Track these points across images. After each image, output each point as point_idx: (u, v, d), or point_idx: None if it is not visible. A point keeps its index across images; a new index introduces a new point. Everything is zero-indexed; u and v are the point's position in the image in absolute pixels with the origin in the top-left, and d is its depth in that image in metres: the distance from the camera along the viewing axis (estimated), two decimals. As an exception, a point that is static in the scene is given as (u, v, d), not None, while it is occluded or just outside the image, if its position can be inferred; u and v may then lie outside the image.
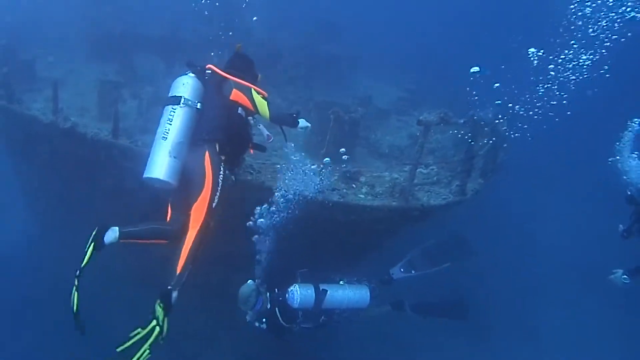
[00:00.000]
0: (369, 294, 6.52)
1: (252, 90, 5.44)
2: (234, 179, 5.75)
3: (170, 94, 5.23)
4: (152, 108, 9.22)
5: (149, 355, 4.47)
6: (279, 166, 6.35)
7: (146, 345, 4.46)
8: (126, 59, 11.23)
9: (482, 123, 6.82)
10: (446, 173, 7.55)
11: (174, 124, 5.02)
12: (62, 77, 9.93)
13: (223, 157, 5.26)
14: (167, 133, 4.96)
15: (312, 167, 6.07)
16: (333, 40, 14.00)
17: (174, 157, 4.90)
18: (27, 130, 8.41)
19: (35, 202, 11.03)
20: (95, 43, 12.01)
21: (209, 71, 5.52)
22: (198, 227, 4.92)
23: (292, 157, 5.94)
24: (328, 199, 6.34)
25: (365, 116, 10.05)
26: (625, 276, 6.47)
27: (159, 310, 4.63)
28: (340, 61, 13.22)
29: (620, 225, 6.79)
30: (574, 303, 13.30)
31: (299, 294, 6.15)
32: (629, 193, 6.60)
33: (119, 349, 4.49)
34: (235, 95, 5.38)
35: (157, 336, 4.53)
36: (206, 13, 10.44)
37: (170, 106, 5.11)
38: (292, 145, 5.84)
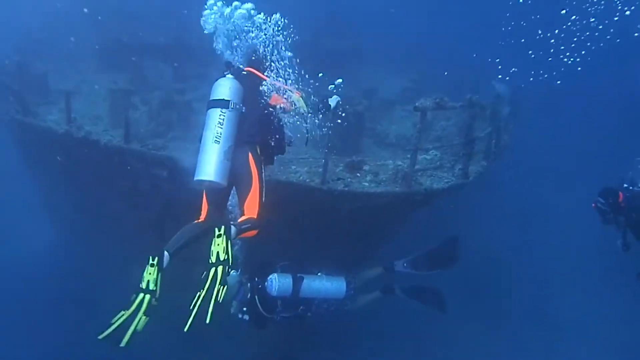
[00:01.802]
0: (345, 285, 6.62)
1: (289, 91, 5.60)
2: None
3: (214, 97, 5.29)
4: (162, 113, 9.50)
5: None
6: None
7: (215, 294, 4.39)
8: (135, 67, 11.53)
9: (481, 106, 6.93)
10: (449, 157, 7.68)
11: (225, 127, 5.12)
12: (74, 88, 10.21)
13: (262, 158, 5.44)
14: (220, 136, 5.06)
15: None
16: (337, 32, 14.16)
17: (227, 160, 5.06)
18: (43, 141, 8.73)
19: (54, 210, 11.37)
20: (105, 53, 12.34)
21: (245, 72, 5.64)
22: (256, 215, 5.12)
23: None
24: (333, 188, 6.55)
25: (370, 108, 10.23)
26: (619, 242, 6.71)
27: (217, 242, 4.60)
28: (345, 53, 13.37)
29: (618, 242, 6.91)
30: (591, 290, 13.22)
31: (277, 282, 6.30)
32: (593, 205, 6.82)
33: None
34: (275, 98, 5.52)
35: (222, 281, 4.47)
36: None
37: (219, 109, 5.18)
38: None
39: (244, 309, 6.36)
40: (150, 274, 4.71)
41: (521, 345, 12.01)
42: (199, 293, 4.42)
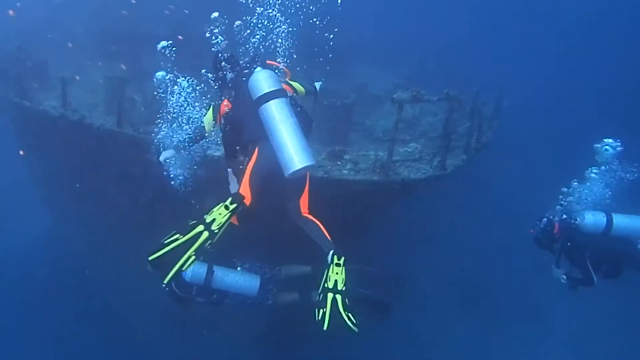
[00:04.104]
0: (258, 285, 6.68)
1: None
2: None
3: (267, 90, 5.21)
4: (157, 101, 9.76)
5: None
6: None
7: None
8: (133, 56, 11.78)
9: (459, 100, 7.18)
10: (430, 151, 7.94)
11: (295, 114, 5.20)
12: (72, 76, 10.47)
13: None
14: (298, 123, 5.10)
15: None
16: (332, 28, 14.34)
17: None
18: (39, 124, 9.01)
19: (49, 195, 11.62)
20: (104, 43, 12.58)
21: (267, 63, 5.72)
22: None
23: None
24: (313, 175, 6.79)
25: (359, 102, 10.49)
26: (564, 276, 6.93)
27: (336, 270, 5.02)
28: (339, 49, 13.59)
29: (563, 277, 7.02)
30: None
31: (191, 270, 6.49)
32: (531, 231, 7.03)
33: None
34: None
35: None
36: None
37: (283, 99, 5.17)
38: None
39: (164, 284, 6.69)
40: (220, 214, 4.90)
41: (510, 344, 12.28)
42: (322, 313, 4.74)
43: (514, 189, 15.50)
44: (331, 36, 8.45)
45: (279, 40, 5.86)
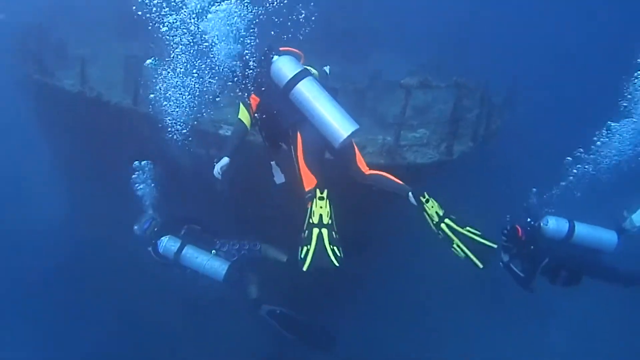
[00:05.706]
0: (224, 272, 6.86)
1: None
2: None
3: (295, 72, 5.46)
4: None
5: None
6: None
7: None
8: (152, 36, 11.92)
9: (468, 88, 7.24)
10: (438, 137, 8.02)
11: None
12: (92, 55, 10.66)
13: None
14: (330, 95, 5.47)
15: None
16: (350, 12, 14.30)
17: None
18: (57, 101, 9.22)
19: (66, 175, 11.85)
20: (124, 22, 12.72)
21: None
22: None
23: None
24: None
25: (373, 88, 10.56)
26: (502, 263, 7.14)
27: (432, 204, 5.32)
28: (357, 34, 13.59)
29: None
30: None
31: (164, 244, 7.02)
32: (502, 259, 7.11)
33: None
34: None
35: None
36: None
37: (310, 77, 5.47)
38: None
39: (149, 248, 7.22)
40: (321, 207, 4.98)
41: (517, 340, 12.32)
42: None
43: (523, 182, 15.42)
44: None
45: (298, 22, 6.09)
